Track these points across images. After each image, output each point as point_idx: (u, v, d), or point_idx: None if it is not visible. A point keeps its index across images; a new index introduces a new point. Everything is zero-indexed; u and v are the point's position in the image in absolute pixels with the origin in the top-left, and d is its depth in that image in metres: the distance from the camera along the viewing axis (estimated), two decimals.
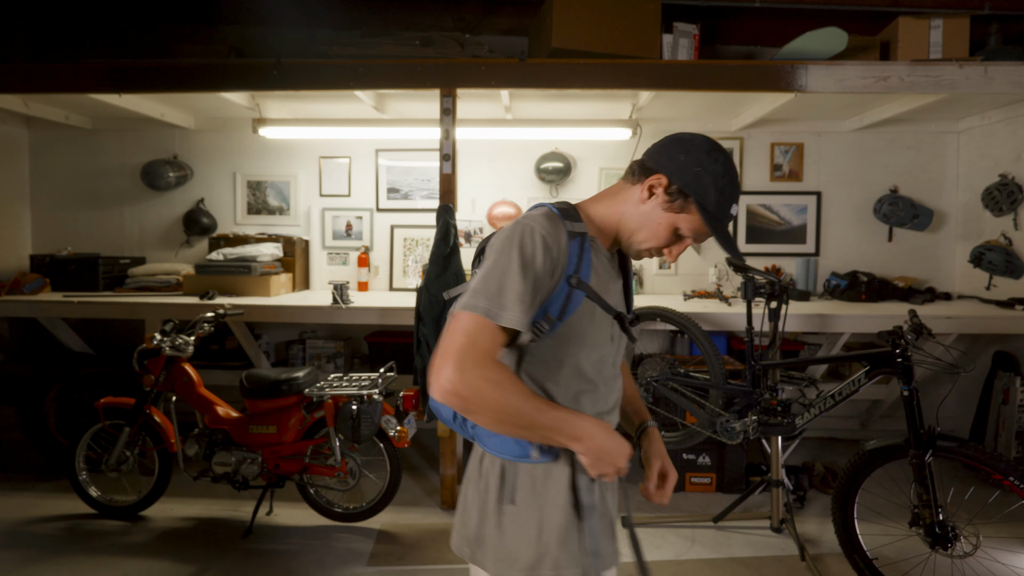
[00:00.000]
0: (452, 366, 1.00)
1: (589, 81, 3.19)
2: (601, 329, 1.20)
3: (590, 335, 1.17)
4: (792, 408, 2.75)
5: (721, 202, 1.16)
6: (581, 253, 1.14)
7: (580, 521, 1.19)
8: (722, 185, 1.15)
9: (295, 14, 3.83)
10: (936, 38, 3.25)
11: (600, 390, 1.23)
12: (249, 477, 2.96)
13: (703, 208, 1.15)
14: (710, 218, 1.16)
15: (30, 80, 3.31)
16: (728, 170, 1.17)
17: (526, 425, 1.04)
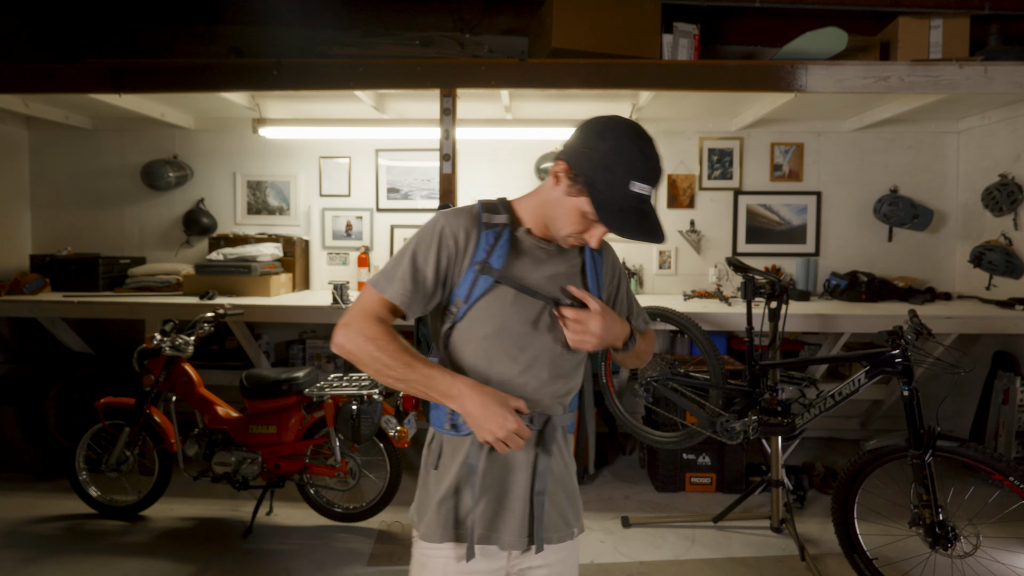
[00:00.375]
0: (342, 324, 1.20)
1: (589, 81, 3.19)
2: (518, 313, 1.24)
3: (501, 318, 1.23)
4: (792, 408, 2.75)
5: (611, 180, 1.13)
6: (495, 242, 1.24)
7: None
8: (611, 163, 1.13)
9: (295, 14, 3.83)
10: (936, 38, 3.25)
11: (516, 379, 1.24)
12: (249, 477, 2.96)
13: (592, 189, 1.15)
14: (598, 199, 1.14)
15: (30, 80, 3.31)
16: (620, 147, 1.13)
17: (399, 378, 1.16)
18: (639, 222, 1.15)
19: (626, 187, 1.13)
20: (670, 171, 4.32)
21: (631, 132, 1.15)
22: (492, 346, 1.24)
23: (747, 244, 4.33)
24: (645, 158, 1.14)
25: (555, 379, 1.28)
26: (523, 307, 1.24)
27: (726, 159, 4.30)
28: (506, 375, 1.25)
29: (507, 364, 1.25)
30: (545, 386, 1.27)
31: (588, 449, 1.56)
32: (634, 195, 1.13)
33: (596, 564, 2.74)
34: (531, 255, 1.27)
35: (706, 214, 4.33)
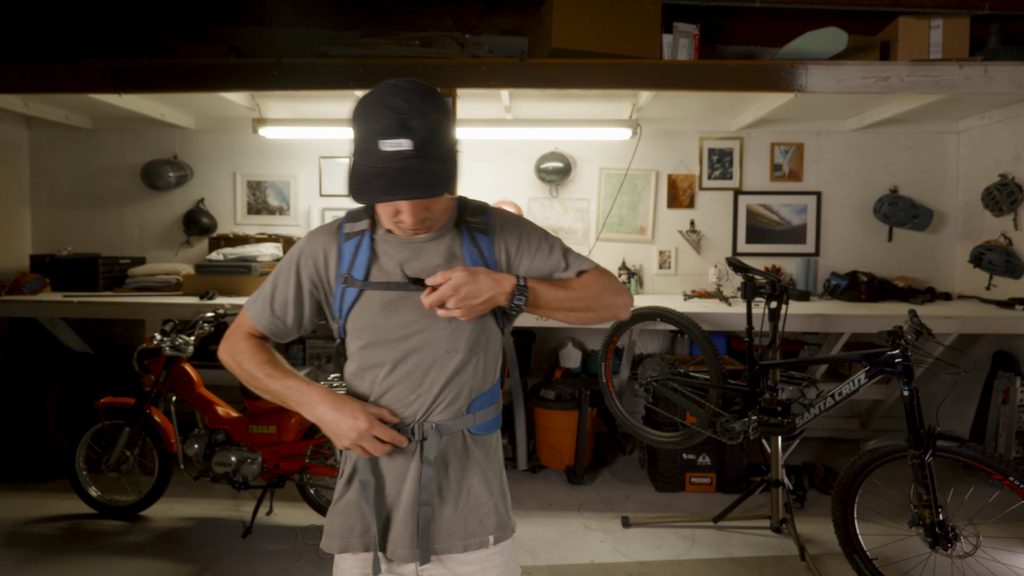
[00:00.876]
0: (224, 338, 1.30)
1: (589, 81, 3.19)
2: (390, 319, 1.19)
3: (372, 328, 1.20)
4: (792, 408, 2.75)
5: (362, 149, 1.04)
6: (356, 251, 1.21)
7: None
8: (360, 132, 1.04)
9: (295, 14, 3.83)
10: (936, 38, 3.25)
11: (397, 387, 1.20)
12: (249, 477, 2.96)
13: (352, 167, 1.07)
14: (352, 174, 1.06)
15: (30, 80, 3.31)
16: (367, 111, 1.04)
17: (264, 389, 1.22)
18: (390, 184, 1.01)
19: (376, 150, 1.01)
20: (670, 171, 4.32)
21: (381, 89, 1.05)
22: (369, 356, 1.21)
23: (747, 244, 4.33)
24: (390, 110, 1.01)
25: (445, 383, 1.20)
26: (395, 312, 1.19)
27: (726, 159, 4.30)
28: (387, 384, 1.20)
29: (386, 373, 1.20)
30: (433, 391, 1.20)
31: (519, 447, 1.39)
32: (385, 155, 1.01)
33: (596, 564, 2.74)
34: (397, 254, 1.21)
35: (706, 214, 4.33)
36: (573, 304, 1.22)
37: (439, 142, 1.05)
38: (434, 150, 1.03)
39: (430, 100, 1.04)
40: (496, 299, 1.15)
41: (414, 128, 1.01)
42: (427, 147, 1.02)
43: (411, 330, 1.19)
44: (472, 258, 1.21)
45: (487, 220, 1.26)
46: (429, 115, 1.03)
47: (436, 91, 1.07)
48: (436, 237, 1.22)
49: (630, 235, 4.34)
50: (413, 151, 1.01)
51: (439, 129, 1.04)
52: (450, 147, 1.10)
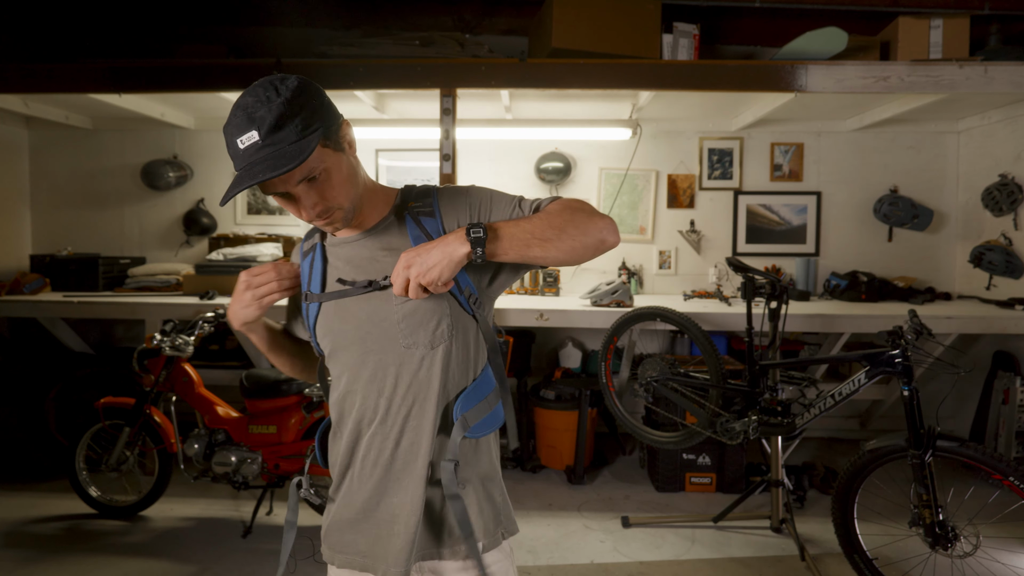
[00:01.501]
0: None
1: (589, 81, 3.19)
2: (346, 325, 1.17)
3: (332, 336, 1.20)
4: (792, 408, 2.75)
5: (231, 153, 1.03)
6: (311, 266, 1.21)
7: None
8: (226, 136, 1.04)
9: (295, 14, 3.83)
10: (936, 38, 3.25)
11: (365, 396, 1.17)
12: (249, 477, 2.96)
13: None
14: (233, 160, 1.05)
15: (30, 80, 3.31)
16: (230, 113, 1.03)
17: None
18: (241, 177, 1.01)
19: (237, 152, 1.01)
20: (670, 171, 4.32)
21: (237, 99, 1.04)
22: (335, 366, 1.21)
23: (747, 244, 4.33)
24: (239, 109, 1.01)
25: (410, 382, 1.15)
26: (348, 315, 1.17)
27: (726, 159, 4.30)
28: (356, 394, 1.18)
29: (350, 380, 1.18)
30: (399, 392, 1.15)
31: (509, 429, 1.44)
32: (242, 152, 1.00)
33: (596, 564, 2.74)
34: (347, 259, 1.19)
35: (706, 214, 4.33)
36: (543, 232, 1.06)
37: (288, 123, 1.00)
38: (285, 132, 0.99)
39: (276, 87, 1.02)
40: (452, 254, 1.03)
41: (259, 118, 0.99)
42: (275, 131, 0.99)
43: (365, 330, 1.16)
44: (418, 242, 1.14)
45: (432, 200, 1.19)
46: (273, 100, 1.00)
47: (290, 78, 1.04)
48: (377, 231, 1.19)
49: (630, 235, 4.34)
50: (261, 141, 0.99)
51: (288, 111, 1.00)
52: (307, 125, 1.02)
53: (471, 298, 1.17)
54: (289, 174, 1.01)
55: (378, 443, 1.17)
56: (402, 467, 1.16)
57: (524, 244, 1.06)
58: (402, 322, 1.14)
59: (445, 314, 1.15)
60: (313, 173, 1.04)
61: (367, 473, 1.18)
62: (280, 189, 1.05)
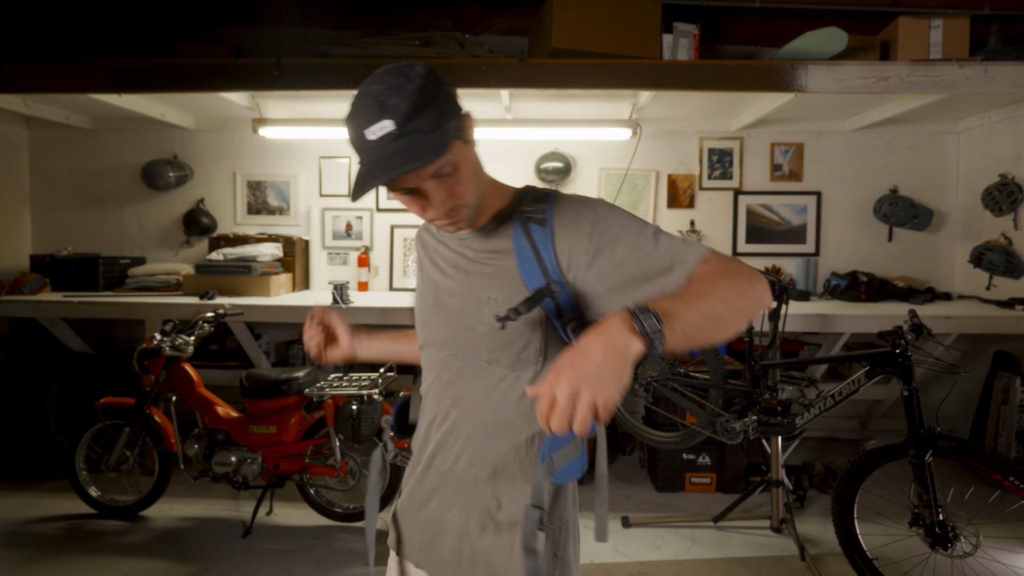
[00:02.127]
0: None
1: (589, 81, 3.19)
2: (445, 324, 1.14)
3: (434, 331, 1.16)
4: (792, 408, 2.75)
5: (357, 147, 0.95)
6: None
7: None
8: (350, 130, 0.96)
9: (295, 14, 3.83)
10: (936, 38, 3.25)
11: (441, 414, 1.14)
12: (249, 477, 2.96)
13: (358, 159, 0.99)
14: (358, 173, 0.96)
15: (30, 80, 3.31)
16: (352, 109, 0.95)
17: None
18: (377, 169, 0.92)
19: (365, 143, 0.93)
20: (670, 171, 4.32)
21: (362, 84, 0.97)
22: (424, 359, 1.19)
23: (747, 244, 4.33)
24: (367, 98, 0.93)
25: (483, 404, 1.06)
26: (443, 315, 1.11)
27: (726, 159, 4.30)
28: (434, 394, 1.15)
29: (434, 380, 1.15)
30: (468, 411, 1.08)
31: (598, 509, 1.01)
32: (373, 144, 0.92)
33: (596, 564, 2.74)
34: (447, 257, 1.13)
35: (706, 214, 4.33)
36: (714, 311, 0.86)
37: (425, 109, 0.92)
38: (422, 119, 0.91)
39: (406, 74, 0.93)
40: (625, 356, 0.77)
41: (392, 106, 0.90)
42: (411, 119, 0.90)
43: (453, 332, 1.09)
44: (521, 252, 1.02)
45: (547, 207, 1.03)
46: (406, 87, 0.91)
47: (416, 65, 0.95)
48: (485, 231, 1.08)
49: None
50: (397, 130, 0.90)
51: (422, 99, 0.91)
52: (442, 113, 0.94)
53: (571, 324, 1.01)
54: (423, 168, 0.92)
55: (444, 450, 1.13)
56: (457, 485, 1.10)
57: (697, 331, 0.85)
58: (488, 334, 1.03)
59: (536, 336, 1.02)
60: (445, 168, 0.96)
61: (429, 473, 1.15)
62: (410, 184, 0.95)
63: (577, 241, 0.99)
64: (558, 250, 1.00)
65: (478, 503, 1.08)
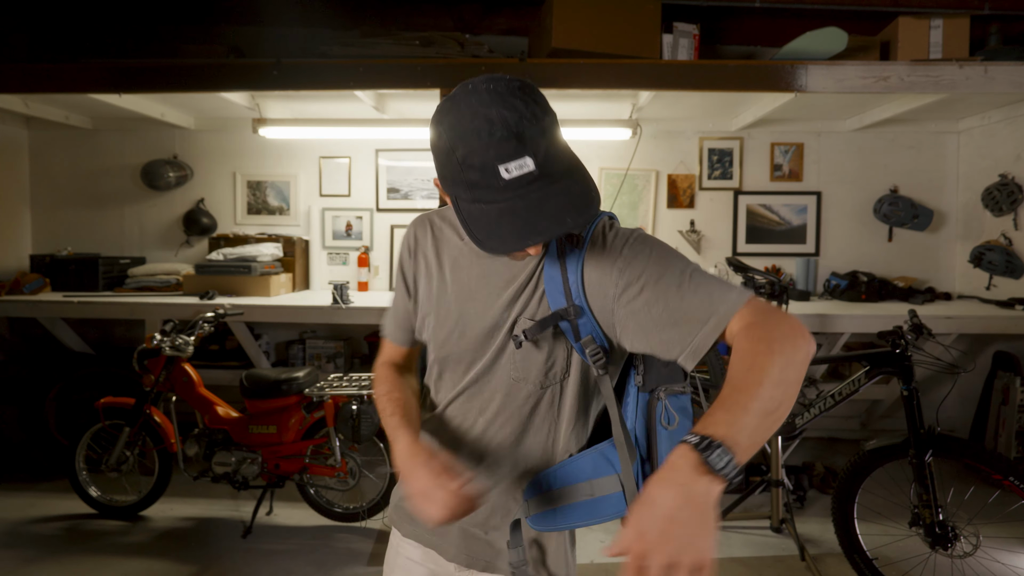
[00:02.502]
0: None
1: (589, 81, 3.19)
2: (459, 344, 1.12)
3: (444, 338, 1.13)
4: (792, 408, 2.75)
5: (473, 181, 0.81)
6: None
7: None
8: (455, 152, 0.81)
9: (295, 14, 3.83)
10: (936, 38, 3.25)
11: (470, 436, 1.12)
12: (249, 477, 2.96)
13: (459, 205, 0.87)
14: (467, 216, 0.85)
15: (30, 80, 3.31)
16: (460, 128, 0.81)
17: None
18: (532, 218, 0.79)
19: (498, 182, 0.79)
20: (670, 171, 4.32)
21: (471, 98, 0.81)
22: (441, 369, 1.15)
23: (747, 244, 4.33)
24: (492, 125, 0.78)
25: (522, 434, 1.06)
26: (467, 340, 1.06)
27: (726, 159, 4.30)
28: (457, 420, 1.11)
29: (452, 388, 1.11)
30: (487, 417, 1.07)
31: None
32: (509, 182, 0.79)
33: (596, 564, 2.74)
34: (465, 259, 1.09)
35: (706, 214, 4.33)
36: (770, 403, 0.80)
37: (562, 149, 0.83)
38: (560, 161, 0.82)
39: (532, 96, 0.83)
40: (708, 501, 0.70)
41: (531, 139, 0.79)
42: (551, 161, 0.81)
43: (477, 345, 1.06)
44: (550, 272, 0.97)
45: (587, 231, 0.98)
46: (541, 117, 0.81)
47: (531, 85, 0.85)
48: (520, 257, 1.03)
49: None
50: (537, 171, 0.79)
51: (555, 131, 0.84)
52: (569, 150, 0.87)
53: (589, 348, 0.95)
54: (567, 231, 0.82)
55: (467, 457, 1.12)
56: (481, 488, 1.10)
57: (762, 435, 0.80)
58: (512, 352, 1.02)
59: (560, 355, 1.01)
60: None
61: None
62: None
63: (607, 273, 0.94)
64: (586, 277, 0.95)
65: (500, 504, 1.10)
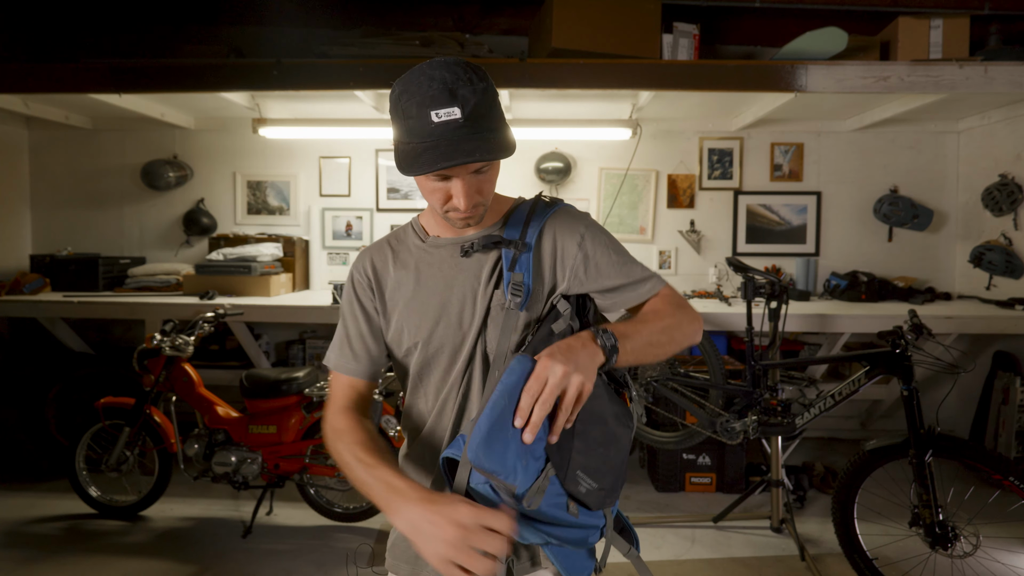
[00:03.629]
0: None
1: (589, 81, 3.19)
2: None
3: (424, 341, 1.17)
4: (792, 408, 2.75)
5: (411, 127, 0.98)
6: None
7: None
8: (404, 109, 0.98)
9: (295, 14, 3.83)
10: (936, 38, 3.25)
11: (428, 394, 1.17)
12: (249, 477, 2.96)
13: (399, 148, 1.02)
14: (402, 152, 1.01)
15: (30, 80, 3.31)
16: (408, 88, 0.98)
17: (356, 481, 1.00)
18: (447, 151, 0.95)
19: (427, 122, 0.96)
20: (670, 171, 4.32)
21: (421, 67, 0.99)
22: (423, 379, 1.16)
23: (747, 244, 4.33)
24: (435, 82, 0.96)
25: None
26: (448, 334, 1.12)
27: (726, 159, 4.30)
28: (431, 407, 1.14)
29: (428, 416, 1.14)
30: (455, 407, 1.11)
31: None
32: (436, 125, 0.96)
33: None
34: (429, 266, 1.16)
35: (706, 214, 4.33)
36: (657, 339, 1.05)
37: (489, 110, 0.99)
38: (485, 119, 0.98)
39: (474, 70, 0.99)
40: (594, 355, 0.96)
41: (463, 96, 0.96)
42: (478, 115, 0.97)
43: (457, 333, 1.13)
44: (510, 253, 1.11)
45: (544, 216, 1.15)
46: (476, 83, 0.98)
47: (477, 66, 1.01)
48: (484, 234, 1.15)
49: (630, 235, 4.34)
50: (463, 120, 0.95)
51: (487, 98, 0.99)
52: (500, 115, 1.04)
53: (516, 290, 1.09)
54: (482, 162, 1.00)
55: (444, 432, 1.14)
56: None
57: (640, 354, 1.03)
58: (489, 328, 1.12)
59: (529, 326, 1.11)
60: (486, 167, 1.04)
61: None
62: (458, 173, 1.01)
63: (568, 248, 1.12)
64: (546, 252, 1.13)
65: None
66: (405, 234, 1.22)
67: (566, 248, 1.13)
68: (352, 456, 1.01)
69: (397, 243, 1.21)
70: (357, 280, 1.17)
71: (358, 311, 1.16)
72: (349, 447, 1.03)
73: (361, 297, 1.17)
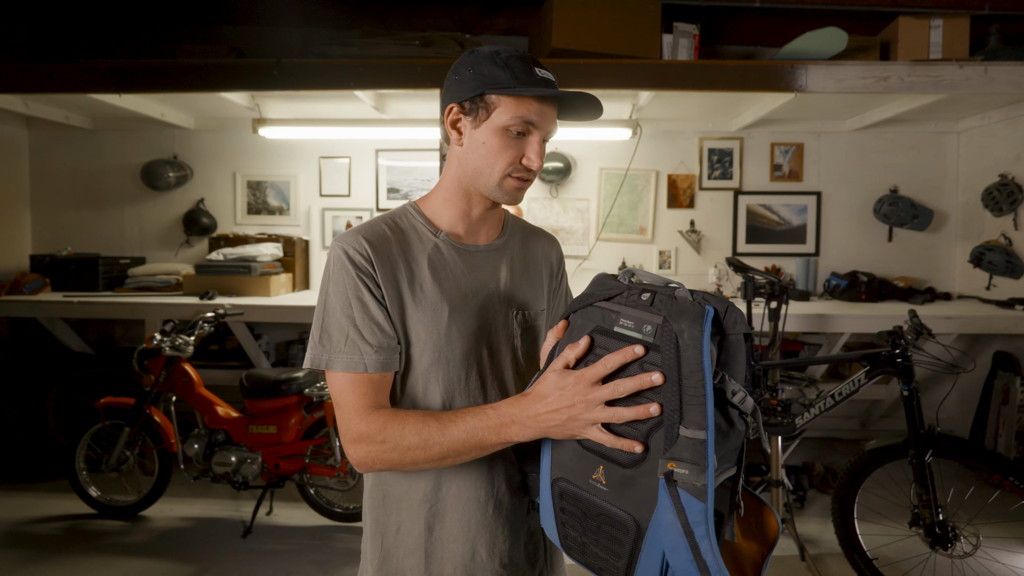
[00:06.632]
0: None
1: (589, 81, 3.19)
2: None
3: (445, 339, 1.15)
4: (792, 408, 2.75)
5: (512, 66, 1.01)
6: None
7: None
8: (502, 59, 1.02)
9: (295, 14, 3.83)
10: (936, 38, 3.25)
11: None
12: (249, 477, 2.96)
13: (505, 86, 1.01)
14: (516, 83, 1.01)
15: (30, 80, 3.31)
16: (497, 50, 1.04)
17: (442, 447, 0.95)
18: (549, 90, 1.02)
19: (534, 76, 1.01)
20: (670, 171, 4.32)
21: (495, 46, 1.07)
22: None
23: (747, 244, 4.33)
24: (517, 53, 1.04)
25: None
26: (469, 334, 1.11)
27: (726, 159, 4.30)
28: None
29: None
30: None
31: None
32: (540, 77, 1.02)
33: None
34: (458, 269, 1.14)
35: (706, 214, 4.33)
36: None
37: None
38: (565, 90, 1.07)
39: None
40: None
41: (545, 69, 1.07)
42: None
43: (480, 337, 1.14)
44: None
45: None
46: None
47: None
48: (495, 248, 1.15)
49: (630, 235, 4.34)
50: (556, 86, 1.06)
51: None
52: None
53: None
54: (553, 122, 1.06)
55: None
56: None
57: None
58: (512, 336, 1.15)
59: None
60: (552, 135, 1.09)
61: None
62: (545, 126, 1.05)
63: (551, 268, 1.25)
64: (544, 269, 1.23)
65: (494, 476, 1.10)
66: (405, 221, 1.10)
67: (551, 274, 1.27)
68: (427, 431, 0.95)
69: (398, 229, 1.08)
70: (356, 261, 1.01)
71: (365, 293, 1.00)
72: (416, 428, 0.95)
73: (364, 278, 1.01)
